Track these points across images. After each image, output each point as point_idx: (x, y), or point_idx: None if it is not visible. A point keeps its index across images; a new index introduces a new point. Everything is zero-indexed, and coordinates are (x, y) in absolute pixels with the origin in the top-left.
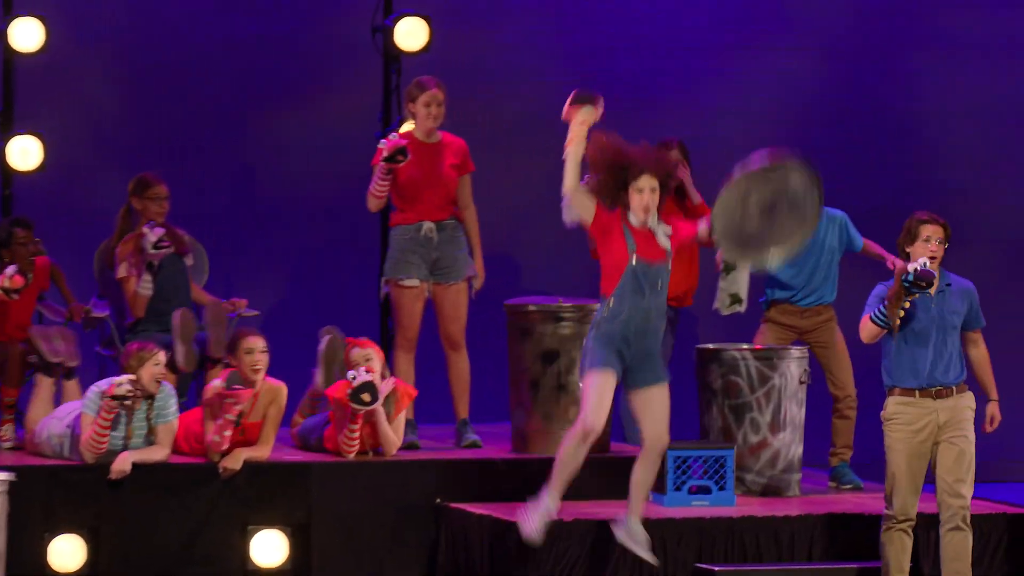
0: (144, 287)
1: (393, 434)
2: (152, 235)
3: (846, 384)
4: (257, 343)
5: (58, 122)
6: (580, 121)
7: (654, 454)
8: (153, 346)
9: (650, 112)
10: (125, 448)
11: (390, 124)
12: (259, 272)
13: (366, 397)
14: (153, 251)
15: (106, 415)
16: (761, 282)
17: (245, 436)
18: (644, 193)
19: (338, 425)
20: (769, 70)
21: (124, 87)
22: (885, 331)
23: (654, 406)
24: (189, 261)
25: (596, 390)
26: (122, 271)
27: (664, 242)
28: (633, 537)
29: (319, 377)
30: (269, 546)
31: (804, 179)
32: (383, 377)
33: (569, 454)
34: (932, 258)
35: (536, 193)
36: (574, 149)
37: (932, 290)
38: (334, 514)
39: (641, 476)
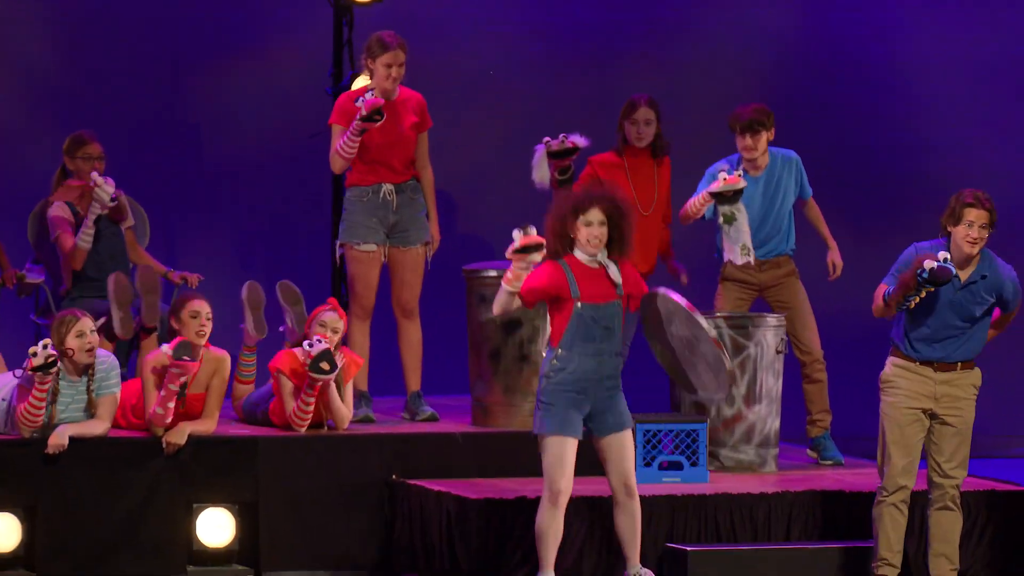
0: (84, 239)
1: (345, 407)
2: (108, 186)
3: (812, 347)
4: (203, 308)
5: None
6: (524, 266)
7: (624, 500)
8: (77, 313)
9: (614, 66)
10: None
11: (342, 79)
12: (206, 235)
13: (325, 366)
14: (111, 203)
15: (39, 387)
16: (714, 238)
17: (186, 409)
18: (593, 227)
19: (286, 398)
20: (740, 22)
21: (57, 42)
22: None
23: (613, 454)
24: (127, 223)
25: (555, 457)
26: (61, 226)
27: (615, 277)
28: None
29: (249, 324)
30: (215, 525)
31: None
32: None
33: (546, 524)
34: (973, 242)
35: (496, 151)
36: (511, 287)
37: (962, 277)
38: (283, 491)
39: (623, 524)
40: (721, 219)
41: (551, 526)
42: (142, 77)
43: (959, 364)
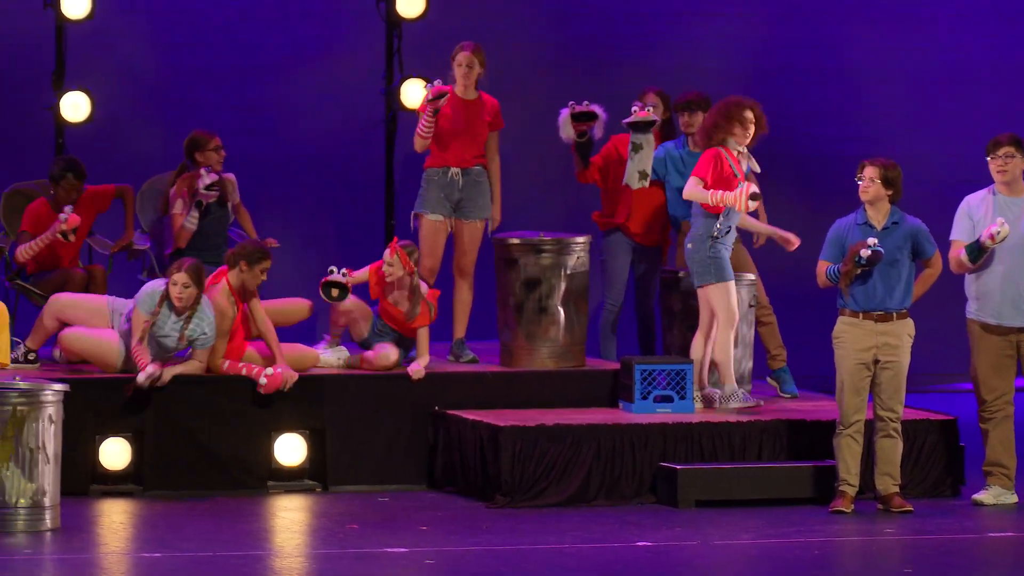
0: (190, 221)
1: (426, 346)
2: (207, 178)
3: (757, 295)
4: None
5: (104, 80)
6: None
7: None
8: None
9: (611, 73)
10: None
11: (392, 83)
12: (280, 212)
13: (334, 292)
14: (204, 191)
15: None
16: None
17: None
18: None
19: (386, 293)
20: (717, 35)
21: (160, 51)
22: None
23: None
24: (232, 201)
25: (731, 297)
26: (177, 207)
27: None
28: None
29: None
30: (290, 448)
31: None
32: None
33: (730, 346)
34: (863, 190)
35: (520, 141)
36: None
37: (879, 226)
38: (346, 420)
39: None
40: (631, 147)
41: (732, 348)
42: (223, 84)
43: (895, 314)
